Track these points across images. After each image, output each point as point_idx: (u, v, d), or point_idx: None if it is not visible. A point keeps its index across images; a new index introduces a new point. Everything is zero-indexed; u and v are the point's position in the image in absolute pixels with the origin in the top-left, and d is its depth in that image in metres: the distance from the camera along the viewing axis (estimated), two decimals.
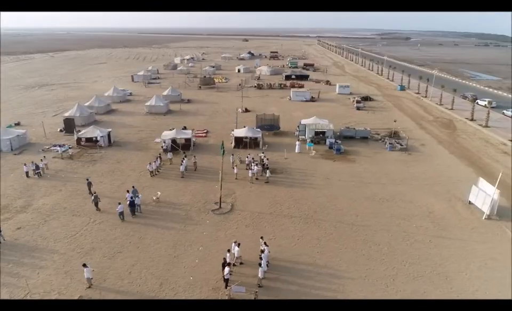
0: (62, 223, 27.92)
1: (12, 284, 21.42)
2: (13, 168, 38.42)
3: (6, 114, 61.36)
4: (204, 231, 27.12)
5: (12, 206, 30.54)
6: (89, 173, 37.21)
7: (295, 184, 35.17)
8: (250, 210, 30.21)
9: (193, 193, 33.06)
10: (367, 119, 59.91)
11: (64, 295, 20.54)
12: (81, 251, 24.58)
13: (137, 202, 29.48)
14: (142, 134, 50.50)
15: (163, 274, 22.39)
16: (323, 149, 44.69)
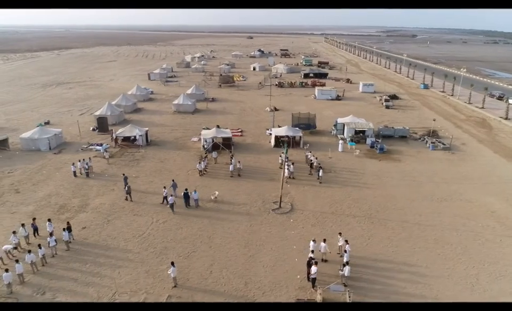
0: (125, 223, 28.21)
1: (96, 283, 21.73)
2: (57, 167, 38.72)
3: (31, 113, 61.66)
4: (271, 230, 27.43)
5: (70, 205, 30.84)
6: (136, 172, 37.56)
7: (348, 184, 35.50)
8: (311, 209, 30.52)
9: (247, 193, 33.36)
10: (399, 118, 60.26)
11: (152, 295, 20.85)
12: (155, 250, 24.88)
13: (194, 196, 30.39)
14: (176, 134, 50.79)
15: (244, 273, 22.70)
16: (364, 149, 45.00)
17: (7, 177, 36.23)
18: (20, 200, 31.67)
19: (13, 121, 56.42)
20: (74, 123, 53.91)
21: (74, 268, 23.08)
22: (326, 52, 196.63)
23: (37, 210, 29.97)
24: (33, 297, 20.59)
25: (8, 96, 74.99)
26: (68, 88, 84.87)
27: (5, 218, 28.82)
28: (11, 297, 20.46)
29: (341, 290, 19.91)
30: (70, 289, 21.20)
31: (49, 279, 21.96)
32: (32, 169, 38.16)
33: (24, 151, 43.01)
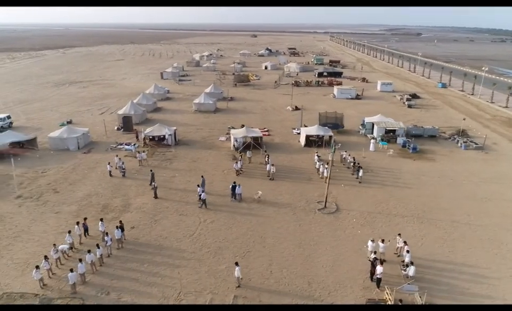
0: (173, 223, 28.34)
1: (158, 284, 21.86)
2: (90, 167, 38.86)
3: (51, 113, 61.81)
4: (321, 230, 27.57)
5: (113, 205, 30.98)
6: (171, 172, 37.73)
7: (387, 183, 35.65)
8: (357, 209, 30.66)
9: (289, 193, 33.50)
10: (423, 117, 60.39)
11: (217, 295, 20.98)
12: (209, 250, 25.02)
13: (238, 191, 31.37)
14: (202, 133, 50.93)
15: (305, 273, 22.84)
16: (396, 148, 45.12)
17: (42, 177, 36.36)
18: (60, 200, 31.79)
19: (34, 120, 56.54)
20: (98, 122, 54.15)
21: (132, 268, 23.20)
22: (334, 51, 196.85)
23: (81, 210, 30.10)
24: (98, 297, 20.71)
25: (23, 95, 75.13)
26: (81, 87, 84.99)
27: (49, 217, 28.95)
28: (76, 297, 20.57)
29: (415, 290, 20.02)
30: (133, 289, 21.31)
31: (110, 279, 22.08)
32: (66, 169, 38.28)
33: (53, 150, 43.12)
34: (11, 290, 21.07)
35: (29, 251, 24.65)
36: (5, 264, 23.40)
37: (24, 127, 51.84)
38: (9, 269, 22.87)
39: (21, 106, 65.41)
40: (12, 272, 22.64)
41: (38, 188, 33.88)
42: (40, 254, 24.17)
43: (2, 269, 22.89)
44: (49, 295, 20.79)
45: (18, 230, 27.07)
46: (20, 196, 32.27)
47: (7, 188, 33.83)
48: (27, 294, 20.76)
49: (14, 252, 24.58)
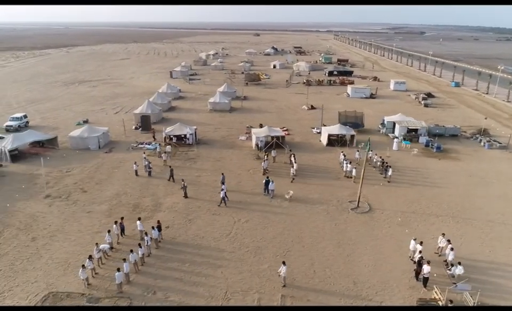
0: (207, 222, 28.45)
1: (203, 283, 21.96)
2: (114, 166, 38.98)
3: (64, 112, 61.93)
4: (358, 230, 27.68)
5: (143, 205, 31.08)
6: (196, 172, 37.82)
7: (416, 183, 35.76)
8: (390, 209, 30.77)
9: (318, 192, 33.61)
10: (441, 116, 60.51)
11: (264, 294, 21.10)
12: (249, 250, 25.12)
13: (271, 187, 32.12)
14: (221, 132, 51.04)
15: (349, 273, 22.94)
16: (419, 147, 45.23)
17: (67, 176, 36.46)
18: (89, 199, 31.90)
19: (49, 120, 56.64)
20: (114, 122, 54.28)
21: (174, 267, 23.29)
22: (339, 49, 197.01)
23: (112, 209, 30.22)
24: (144, 297, 20.81)
25: (34, 94, 75.24)
26: (91, 86, 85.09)
27: (82, 217, 29.07)
28: (123, 297, 20.66)
29: (467, 289, 20.10)
30: (179, 289, 21.41)
31: (154, 279, 22.18)
32: (90, 168, 38.39)
33: (74, 150, 43.23)
34: (56, 290, 21.15)
35: (68, 251, 24.75)
36: (45, 263, 23.50)
37: (40, 126, 51.88)
38: (50, 269, 22.97)
39: (34, 106, 65.49)
40: (53, 271, 22.73)
41: (65, 188, 33.97)
42: (79, 254, 24.35)
43: (43, 269, 22.99)
44: (95, 294, 20.86)
45: (53, 230, 27.17)
46: (49, 196, 32.38)
47: (34, 187, 33.93)
48: (73, 293, 20.86)
49: (53, 251, 24.68)
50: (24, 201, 31.37)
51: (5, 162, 38.97)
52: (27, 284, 21.66)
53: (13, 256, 24.21)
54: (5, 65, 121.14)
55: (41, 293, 20.94)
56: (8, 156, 39.07)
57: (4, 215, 28.99)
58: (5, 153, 39.09)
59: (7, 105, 66.48)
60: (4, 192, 33.04)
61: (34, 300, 20.42)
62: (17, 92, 76.75)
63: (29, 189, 33.41)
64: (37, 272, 22.62)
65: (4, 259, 23.86)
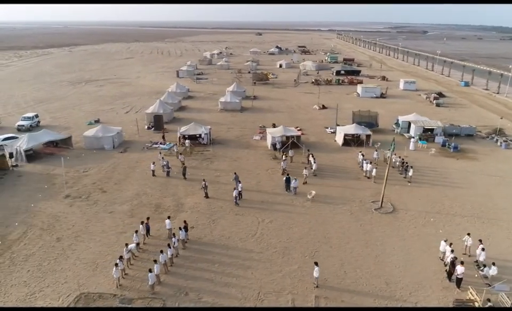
0: (231, 223, 28.46)
1: (234, 284, 21.95)
2: (131, 166, 38.99)
3: (73, 111, 61.97)
4: (384, 230, 27.69)
5: (165, 205, 31.09)
6: (214, 172, 37.85)
7: (436, 183, 35.77)
8: (414, 209, 30.77)
9: (339, 192, 33.62)
10: (454, 116, 60.54)
11: (297, 295, 21.10)
12: (276, 250, 25.14)
13: (294, 184, 32.65)
14: (234, 132, 51.05)
15: (380, 274, 22.94)
16: (435, 147, 45.21)
17: (85, 176, 36.47)
18: (110, 199, 31.92)
19: (60, 119, 56.68)
20: (125, 121, 54.33)
21: (203, 268, 23.30)
22: (344, 49, 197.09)
23: (134, 210, 30.24)
24: (177, 297, 20.82)
25: (41, 94, 75.30)
26: (98, 85, 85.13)
27: (104, 217, 29.08)
28: (156, 297, 20.66)
29: (506, 290, 20.10)
30: (211, 290, 21.41)
31: (185, 280, 22.18)
32: (106, 168, 38.40)
33: (88, 150, 43.23)
34: (88, 290, 21.15)
35: (94, 251, 24.75)
36: (73, 264, 23.50)
37: (51, 126, 51.80)
38: (79, 269, 22.97)
39: (42, 105, 65.52)
40: (82, 272, 22.74)
41: (84, 188, 33.98)
42: (106, 254, 24.38)
43: (72, 269, 22.99)
44: (127, 295, 20.86)
45: (76, 230, 27.18)
46: (69, 196, 32.39)
47: (53, 187, 33.94)
48: (105, 294, 20.87)
49: (79, 252, 24.69)
50: (44, 201, 31.38)
51: (21, 162, 38.98)
52: (57, 285, 21.66)
53: (40, 256, 24.20)
54: (9, 65, 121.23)
55: (72, 293, 20.94)
56: (23, 156, 39.09)
57: (26, 216, 29.00)
58: (21, 153, 39.10)
59: (16, 104, 66.54)
60: (22, 192, 33.06)
61: (67, 301, 20.42)
62: (24, 92, 76.82)
63: (48, 189, 33.41)
64: (65, 273, 22.62)
65: (31, 260, 23.87)
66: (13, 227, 27.54)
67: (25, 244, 25.56)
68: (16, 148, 39.05)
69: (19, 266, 23.26)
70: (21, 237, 26.36)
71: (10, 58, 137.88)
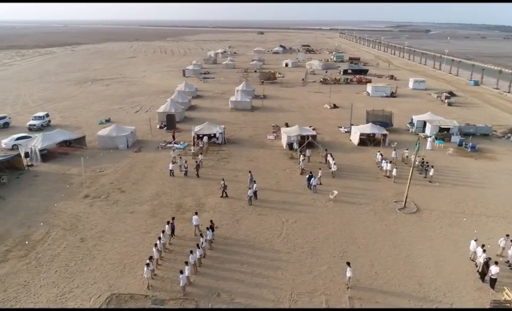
0: (255, 222, 28.38)
1: (265, 285, 21.86)
2: (147, 166, 38.93)
3: (83, 111, 61.90)
4: (410, 230, 27.62)
5: (186, 205, 31.00)
6: (231, 172, 37.74)
7: (458, 182, 35.72)
8: (438, 209, 30.69)
9: (361, 192, 33.53)
10: (466, 115, 60.49)
11: (331, 296, 21.02)
12: (304, 250, 25.06)
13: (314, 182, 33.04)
14: (248, 132, 50.98)
15: (411, 274, 22.86)
16: (452, 147, 45.14)
17: (102, 176, 36.39)
18: (130, 199, 31.83)
19: (70, 119, 56.59)
20: (136, 121, 54.26)
21: (232, 268, 23.21)
22: (348, 48, 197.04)
23: (155, 210, 30.15)
24: (209, 298, 20.73)
25: (48, 93, 75.23)
26: (104, 84, 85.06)
27: (126, 217, 29.02)
28: (188, 298, 20.58)
29: None
30: (243, 291, 21.32)
31: (216, 280, 22.09)
32: (123, 168, 38.32)
33: (102, 149, 43.14)
34: (118, 291, 21.06)
35: (120, 252, 24.67)
36: (100, 264, 23.41)
37: (62, 126, 51.58)
38: (106, 270, 22.88)
39: (50, 104, 65.41)
40: (110, 273, 22.65)
41: (102, 188, 33.89)
42: (132, 254, 24.31)
43: (99, 270, 22.91)
44: (159, 296, 20.77)
45: (100, 230, 27.09)
46: (88, 196, 32.30)
47: (71, 187, 33.86)
48: (136, 295, 20.78)
49: (105, 252, 24.60)
50: (64, 201, 31.30)
51: (36, 162, 38.88)
52: (87, 285, 21.57)
53: (65, 257, 24.12)
54: (12, 64, 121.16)
55: (103, 294, 20.85)
56: (38, 156, 38.98)
57: (47, 216, 28.92)
58: (36, 153, 39.00)
59: (23, 104, 66.45)
60: (40, 192, 32.96)
61: (98, 302, 20.33)
62: (31, 91, 76.71)
63: (66, 189, 33.31)
64: (94, 274, 22.53)
65: (57, 260, 23.78)
66: (35, 227, 27.45)
67: (49, 244, 25.46)
68: (31, 148, 38.93)
69: (46, 267, 23.16)
70: (44, 237, 26.25)
71: (13, 58, 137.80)
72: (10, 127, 51.37)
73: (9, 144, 42.70)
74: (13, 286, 21.46)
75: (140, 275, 22.19)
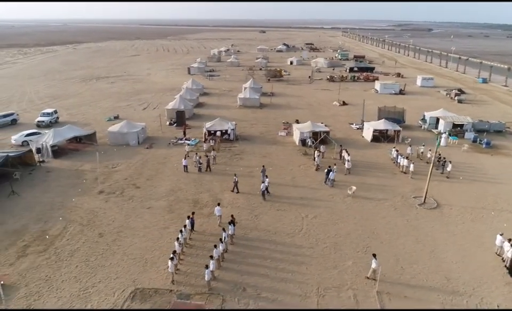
0: (274, 218, 28.17)
1: (291, 279, 21.66)
2: (160, 162, 38.75)
3: (89, 108, 61.71)
4: (433, 225, 27.41)
5: (203, 201, 30.80)
6: (247, 168, 37.54)
7: (475, 178, 35.52)
8: (458, 204, 30.48)
9: (378, 188, 33.33)
10: (478, 112, 60.19)
11: (358, 290, 20.81)
12: (327, 246, 24.85)
13: (331, 176, 33.23)
14: (258, 128, 50.77)
15: (437, 269, 22.64)
16: (467, 143, 44.92)
17: (115, 172, 36.19)
18: (145, 195, 31.63)
19: (78, 116, 56.37)
20: (144, 117, 54.12)
21: (255, 263, 23.02)
22: (351, 46, 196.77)
23: (172, 205, 29.95)
24: (235, 293, 20.53)
25: (53, 90, 75.04)
26: (109, 82, 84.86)
27: (143, 213, 28.82)
28: (213, 293, 20.37)
29: None
30: (269, 286, 21.11)
31: (240, 275, 21.89)
32: (135, 164, 38.12)
33: (113, 145, 42.96)
34: (142, 286, 20.86)
35: (140, 247, 24.48)
36: (121, 259, 23.21)
37: (71, 123, 51.29)
38: (128, 265, 22.68)
39: (56, 102, 65.21)
40: (132, 267, 22.45)
41: (116, 184, 33.69)
42: (153, 250, 24.13)
43: (121, 264, 22.71)
44: (184, 290, 20.57)
45: (118, 226, 26.89)
46: (102, 192, 32.11)
47: (84, 183, 33.65)
48: (161, 290, 20.57)
49: (125, 247, 24.41)
50: (79, 196, 31.10)
51: (47, 158, 38.69)
52: (109, 280, 21.38)
53: (85, 252, 23.92)
54: (15, 62, 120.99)
55: (127, 289, 20.66)
56: (50, 152, 38.80)
57: (63, 211, 28.73)
58: (47, 149, 38.81)
59: (29, 101, 66.27)
60: (54, 188, 32.78)
61: (122, 296, 20.14)
62: (36, 89, 76.52)
63: (80, 185, 33.12)
64: (115, 268, 22.33)
65: (77, 255, 23.59)
66: (51, 222, 27.26)
67: (67, 239, 25.25)
68: (42, 144, 38.73)
69: (66, 261, 22.96)
70: (61, 232, 26.06)
71: (15, 56, 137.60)
72: (18, 124, 51.18)
73: (19, 140, 42.53)
74: (34, 281, 21.26)
75: (162, 270, 22.02)
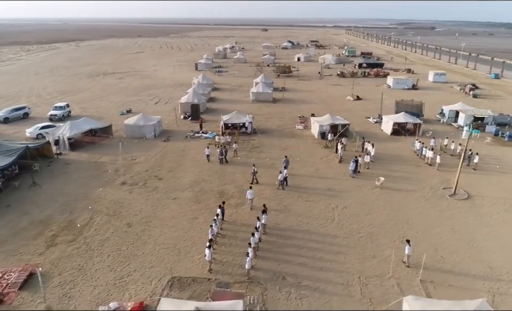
0: (304, 209, 27.87)
1: (330, 268, 21.36)
2: (179, 155, 38.48)
3: (101, 102, 61.48)
4: (467, 216, 27.12)
5: (229, 192, 30.50)
6: (268, 160, 37.29)
7: (503, 171, 35.30)
8: (490, 195, 30.19)
9: (405, 179, 33.07)
10: (494, 106, 59.69)
11: (400, 279, 20.52)
12: (362, 235, 24.58)
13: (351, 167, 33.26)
14: (274, 122, 50.47)
15: (478, 258, 22.36)
16: (489, 136, 44.58)
17: (135, 164, 35.90)
18: (169, 186, 31.34)
19: (90, 110, 56.06)
20: (158, 111, 53.86)
21: (292, 252, 22.71)
22: (356, 44, 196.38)
23: (198, 196, 29.67)
24: (275, 281, 20.21)
25: (62, 86, 74.79)
26: (117, 78, 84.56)
27: (169, 203, 28.53)
28: (253, 281, 20.05)
29: None
30: (308, 274, 20.79)
31: (278, 264, 21.58)
32: (154, 156, 37.83)
33: (129, 138, 42.66)
34: (179, 275, 20.53)
35: (171, 236, 24.18)
36: (153, 249, 22.91)
37: (84, 116, 51.14)
38: (161, 254, 22.38)
39: (65, 97, 64.84)
40: (166, 257, 22.15)
41: (138, 175, 33.39)
42: (184, 239, 23.87)
43: (154, 254, 22.40)
44: (222, 279, 20.24)
45: (145, 216, 26.59)
46: (125, 183, 31.82)
47: (106, 175, 33.38)
48: (199, 278, 20.25)
49: (155, 237, 24.09)
50: (102, 187, 30.78)
51: (64, 150, 38.39)
52: (144, 269, 21.06)
53: (115, 241, 23.62)
54: (19, 59, 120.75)
55: (163, 278, 20.33)
56: (67, 144, 38.50)
57: (88, 202, 28.45)
58: (64, 141, 38.50)
59: (38, 96, 65.98)
60: (75, 180, 32.49)
61: (160, 285, 19.83)
62: (44, 84, 76.26)
63: (102, 176, 32.84)
64: (149, 258, 22.02)
65: (107, 244, 23.28)
66: (77, 212, 26.98)
67: (95, 229, 24.95)
68: (59, 136, 38.42)
69: (97, 251, 22.65)
70: (88, 222, 25.76)
71: (18, 53, 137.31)
72: (29, 118, 50.91)
73: (33, 133, 42.27)
74: (67, 270, 20.95)
75: (197, 259, 21.75)
